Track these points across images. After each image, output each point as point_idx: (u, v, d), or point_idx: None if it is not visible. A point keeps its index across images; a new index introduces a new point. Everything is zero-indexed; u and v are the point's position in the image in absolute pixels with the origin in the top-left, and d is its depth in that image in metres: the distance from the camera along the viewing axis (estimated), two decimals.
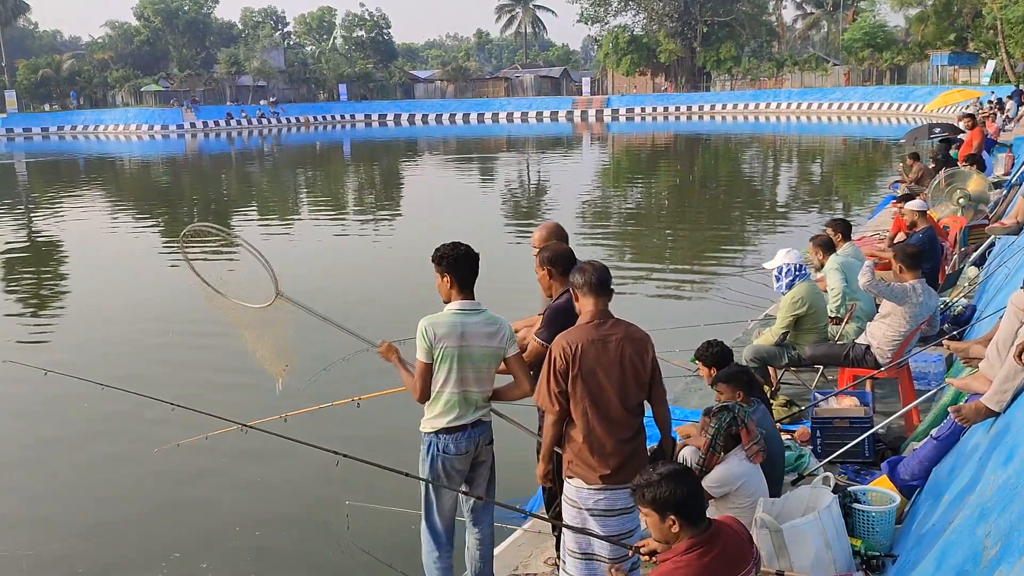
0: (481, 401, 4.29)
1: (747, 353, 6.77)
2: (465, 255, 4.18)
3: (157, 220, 24.41)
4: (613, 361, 3.83)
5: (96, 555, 6.28)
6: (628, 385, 3.86)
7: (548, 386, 3.86)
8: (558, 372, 3.83)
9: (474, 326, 4.16)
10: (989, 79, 52.61)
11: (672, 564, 2.97)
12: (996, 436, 3.84)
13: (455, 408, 4.22)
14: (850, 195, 25.00)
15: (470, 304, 4.19)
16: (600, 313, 3.89)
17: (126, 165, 46.50)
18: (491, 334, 4.18)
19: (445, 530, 4.39)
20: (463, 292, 4.19)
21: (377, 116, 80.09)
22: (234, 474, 7.40)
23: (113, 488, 7.38)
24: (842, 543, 4.19)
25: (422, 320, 4.19)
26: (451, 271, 4.17)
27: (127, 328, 12.28)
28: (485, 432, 4.37)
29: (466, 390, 4.20)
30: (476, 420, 4.28)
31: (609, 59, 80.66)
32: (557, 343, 3.88)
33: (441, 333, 4.13)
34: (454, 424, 4.23)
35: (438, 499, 4.33)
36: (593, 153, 47.60)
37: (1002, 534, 2.82)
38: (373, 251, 18.54)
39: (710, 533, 2.98)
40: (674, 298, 12.92)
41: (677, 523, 3.00)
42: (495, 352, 4.21)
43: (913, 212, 9.20)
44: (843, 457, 5.49)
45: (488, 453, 4.43)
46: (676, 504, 2.98)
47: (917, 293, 6.07)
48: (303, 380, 5.67)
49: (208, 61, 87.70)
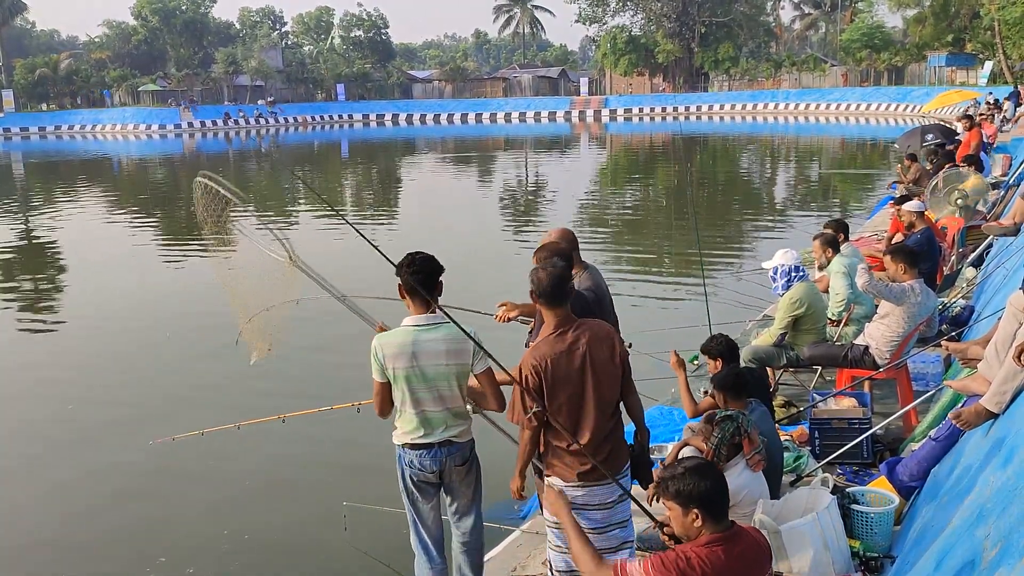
0: (450, 419, 4.03)
1: (745, 354, 6.75)
2: (420, 264, 3.88)
3: (155, 220, 24.39)
4: (582, 367, 3.79)
5: (78, 560, 6.12)
6: (602, 386, 3.82)
7: (523, 403, 3.78)
8: (531, 389, 3.75)
9: (429, 343, 3.89)
10: (987, 80, 52.63)
11: (694, 552, 2.96)
12: (995, 437, 3.84)
13: (419, 427, 4.04)
14: (848, 195, 25.01)
15: (425, 319, 3.92)
16: (560, 322, 3.81)
17: (124, 165, 46.47)
18: (452, 352, 3.91)
19: (432, 540, 4.26)
20: (417, 305, 3.93)
21: (375, 116, 79.99)
22: (226, 475, 7.32)
23: (96, 489, 7.25)
24: (841, 544, 4.19)
25: (374, 338, 4.02)
26: (403, 282, 3.91)
27: (124, 327, 12.27)
28: (456, 453, 4.09)
29: (424, 410, 3.99)
30: (444, 440, 4.04)
31: (607, 59, 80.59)
32: (525, 362, 3.78)
33: (390, 353, 3.91)
34: (419, 441, 4.05)
35: (417, 511, 4.21)
36: (592, 153, 47.59)
37: (1002, 535, 2.81)
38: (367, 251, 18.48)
39: (733, 532, 2.97)
40: (671, 299, 12.91)
41: (700, 517, 2.98)
42: (456, 370, 3.94)
43: (911, 213, 9.21)
44: (841, 458, 5.49)
45: (462, 473, 4.15)
46: (700, 498, 2.97)
47: (916, 293, 6.07)
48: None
49: (206, 61, 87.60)
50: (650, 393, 7.64)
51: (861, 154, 39.11)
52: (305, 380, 9.20)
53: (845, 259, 7.35)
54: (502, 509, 5.64)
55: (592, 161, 41.74)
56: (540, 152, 45.17)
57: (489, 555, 5.05)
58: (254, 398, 8.50)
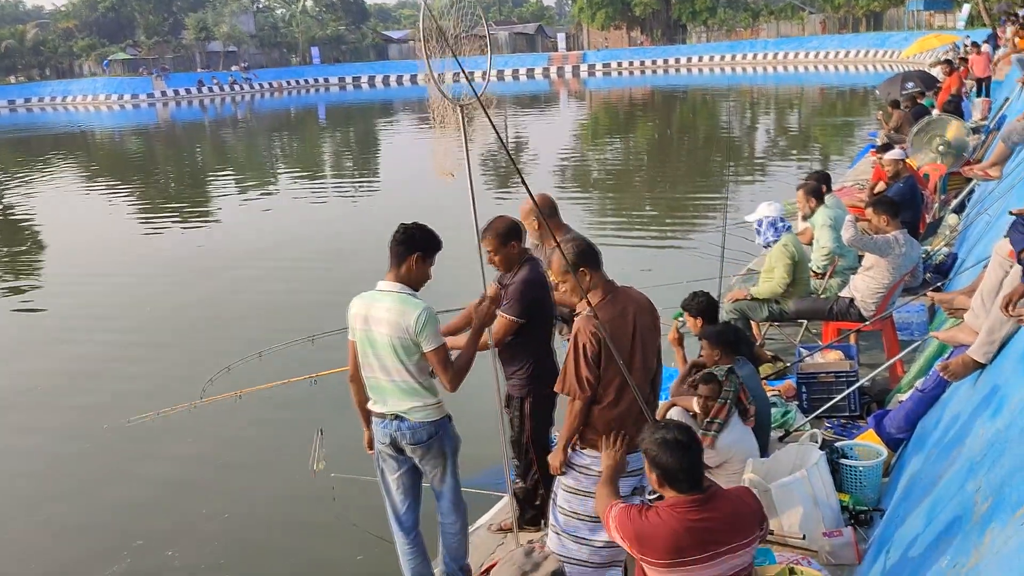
0: (398, 392, 3.92)
1: (728, 307, 6.71)
2: (400, 232, 3.92)
3: (132, 192, 24.03)
4: (633, 332, 3.72)
5: (51, 548, 5.97)
6: (648, 354, 3.78)
7: (578, 373, 3.64)
8: (590, 358, 3.62)
9: (377, 309, 3.87)
10: (964, 23, 52.33)
11: (657, 511, 2.97)
12: (983, 388, 3.81)
13: (372, 393, 4.02)
14: (829, 145, 24.92)
15: (387, 284, 3.90)
16: (607, 287, 3.73)
17: (97, 137, 45.66)
18: (392, 323, 3.82)
19: (395, 512, 4.17)
20: (390, 268, 3.93)
21: (351, 79, 78.83)
22: (201, 452, 7.17)
23: (63, 471, 7.08)
24: (830, 500, 4.19)
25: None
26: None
27: (106, 301, 12.12)
28: (407, 430, 3.94)
29: (374, 376, 3.95)
30: (394, 413, 3.95)
31: (584, 13, 79.60)
32: (584, 329, 3.61)
33: (352, 312, 3.96)
34: (374, 408, 4.02)
35: (382, 480, 4.16)
36: (571, 110, 47.17)
37: (993, 489, 2.78)
38: (346, 219, 18.35)
39: (705, 496, 2.94)
40: (655, 256, 12.84)
41: (664, 484, 2.97)
42: (396, 342, 3.82)
43: (894, 162, 9.14)
44: (829, 412, 5.49)
45: (420, 453, 4.00)
46: (664, 470, 2.96)
47: (900, 244, 6.02)
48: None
49: (176, 27, 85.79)
50: None
51: (841, 102, 38.94)
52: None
53: (831, 211, 7.27)
54: (493, 475, 5.59)
55: (572, 118, 41.38)
56: (519, 110, 44.70)
57: (479, 522, 5.03)
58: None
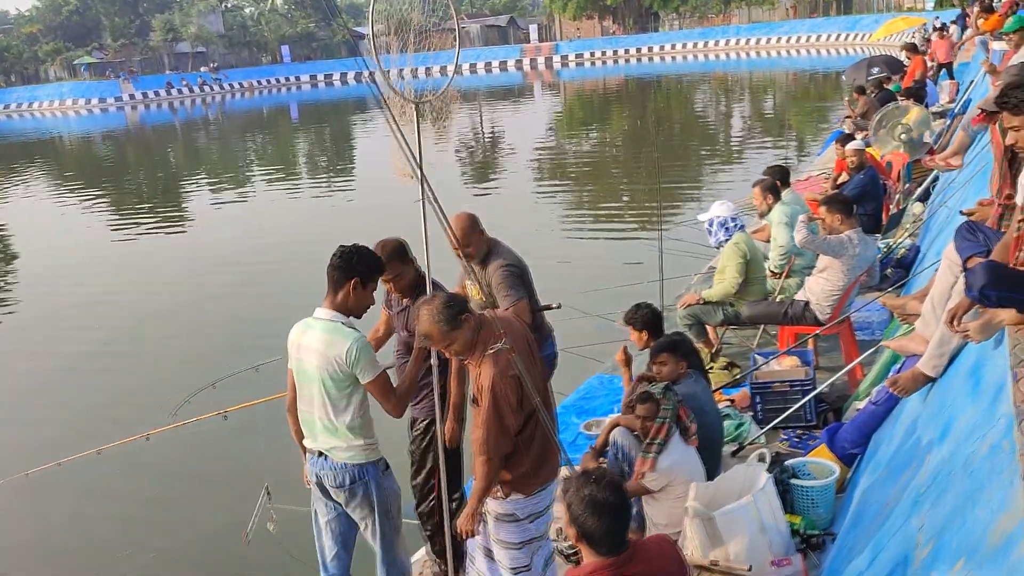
0: (321, 429, 3.61)
1: (682, 312, 6.49)
2: (338, 256, 3.57)
3: (104, 199, 23.53)
4: (534, 359, 3.54)
5: None
6: (545, 383, 3.61)
7: (503, 427, 3.33)
8: (511, 407, 3.33)
9: (309, 338, 3.57)
10: (934, 4, 52.40)
11: None
12: (932, 405, 3.61)
13: (303, 425, 3.73)
14: (801, 131, 24.76)
15: (320, 312, 3.59)
16: (487, 319, 3.46)
17: (66, 143, 44.86)
18: (321, 352, 3.51)
19: (325, 561, 3.87)
20: (327, 295, 3.60)
21: (323, 76, 78.06)
22: (130, 492, 6.88)
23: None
24: (779, 525, 3.96)
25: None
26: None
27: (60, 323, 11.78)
28: (329, 470, 3.63)
29: (304, 408, 3.67)
30: (319, 450, 3.66)
31: (555, 4, 79.10)
32: (500, 377, 3.29)
33: (290, 339, 3.69)
34: (306, 443, 3.75)
35: (315, 520, 3.87)
36: (545, 102, 46.85)
37: (935, 531, 2.57)
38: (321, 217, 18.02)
39: (624, 557, 2.72)
40: (615, 256, 12.56)
41: (585, 548, 2.76)
42: (330, 376, 3.50)
43: (857, 152, 8.93)
44: (785, 422, 5.27)
45: (344, 498, 3.68)
46: (587, 535, 2.73)
47: (854, 244, 5.80)
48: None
49: (143, 29, 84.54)
50: (596, 356, 7.35)
51: (813, 87, 38.85)
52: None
53: (787, 207, 7.08)
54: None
55: (546, 110, 41.08)
56: (494, 103, 44.35)
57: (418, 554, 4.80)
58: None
